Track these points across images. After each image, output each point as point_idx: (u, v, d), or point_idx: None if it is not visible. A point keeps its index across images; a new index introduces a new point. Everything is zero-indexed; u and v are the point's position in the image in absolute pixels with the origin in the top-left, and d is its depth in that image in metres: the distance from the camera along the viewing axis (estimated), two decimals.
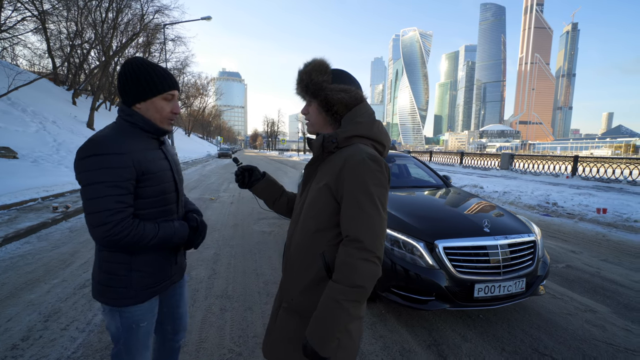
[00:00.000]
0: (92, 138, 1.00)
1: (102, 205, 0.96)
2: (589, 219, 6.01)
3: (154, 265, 1.14)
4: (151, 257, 1.13)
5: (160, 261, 1.16)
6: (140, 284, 1.11)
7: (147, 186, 1.07)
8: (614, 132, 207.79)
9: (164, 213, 1.15)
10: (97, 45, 19.24)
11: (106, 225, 0.97)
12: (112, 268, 1.08)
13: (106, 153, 0.98)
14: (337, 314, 0.85)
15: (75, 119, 15.65)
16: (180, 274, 1.30)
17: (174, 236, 1.14)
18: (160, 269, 1.17)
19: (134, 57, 1.11)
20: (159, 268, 1.16)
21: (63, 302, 2.62)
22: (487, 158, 18.56)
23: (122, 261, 1.08)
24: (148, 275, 1.13)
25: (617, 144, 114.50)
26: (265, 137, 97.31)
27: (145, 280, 1.12)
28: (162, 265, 1.17)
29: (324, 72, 1.01)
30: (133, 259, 1.09)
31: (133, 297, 1.10)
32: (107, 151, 0.98)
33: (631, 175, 11.12)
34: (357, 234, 0.88)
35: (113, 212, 0.97)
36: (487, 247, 2.30)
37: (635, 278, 3.36)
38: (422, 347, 2.14)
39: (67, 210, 5.42)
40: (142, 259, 1.10)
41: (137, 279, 1.10)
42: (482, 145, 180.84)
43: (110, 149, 0.99)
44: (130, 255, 1.08)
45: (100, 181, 0.97)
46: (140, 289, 1.11)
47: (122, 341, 1.13)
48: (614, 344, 2.21)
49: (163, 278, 1.18)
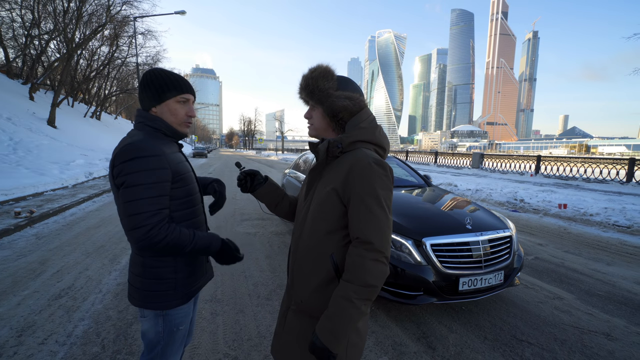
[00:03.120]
0: (131, 142, 1.03)
1: (142, 208, 0.98)
2: (552, 214, 6.53)
3: (193, 264, 1.20)
4: (190, 257, 1.18)
5: (197, 259, 1.22)
6: (184, 284, 1.16)
7: (178, 187, 1.11)
8: (569, 133, 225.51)
9: (193, 213, 1.20)
10: (57, 37, 17.87)
11: (145, 227, 0.98)
12: (159, 273, 1.11)
13: (147, 155, 1.01)
14: (350, 312, 0.89)
15: (34, 115, 14.43)
16: (211, 273, 1.36)
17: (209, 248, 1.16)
18: (198, 268, 1.23)
19: (155, 67, 1.17)
20: (197, 266, 1.22)
21: (37, 315, 2.45)
22: (460, 157, 19.48)
23: (169, 264, 1.12)
24: (190, 274, 1.18)
25: (572, 144, 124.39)
26: (242, 136, 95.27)
27: (188, 280, 1.17)
28: (199, 263, 1.23)
29: (330, 79, 1.04)
30: (177, 260, 1.14)
31: (180, 297, 1.15)
32: (148, 153, 1.02)
33: (585, 173, 12.18)
34: (367, 235, 0.92)
35: (152, 214, 1.00)
36: (469, 243, 2.46)
37: (593, 267, 3.72)
38: (412, 340, 2.24)
39: (32, 216, 5.03)
40: (184, 259, 1.16)
41: (181, 280, 1.15)
42: (453, 144, 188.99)
43: (150, 151, 1.02)
44: (175, 258, 1.13)
45: (140, 183, 0.99)
46: (185, 289, 1.16)
47: (161, 346, 1.16)
48: (580, 327, 2.44)
49: (201, 275, 1.25)
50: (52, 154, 10.46)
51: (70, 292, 2.84)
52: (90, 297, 2.76)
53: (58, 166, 9.36)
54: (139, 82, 1.14)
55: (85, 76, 23.59)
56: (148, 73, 1.13)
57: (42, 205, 5.89)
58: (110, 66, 24.50)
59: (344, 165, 0.99)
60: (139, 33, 20.73)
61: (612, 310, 2.71)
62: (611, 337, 2.32)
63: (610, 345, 2.22)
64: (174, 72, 1.15)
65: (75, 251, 3.91)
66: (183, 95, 1.14)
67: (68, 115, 19.33)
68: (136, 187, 0.98)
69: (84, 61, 23.58)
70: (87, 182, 9.24)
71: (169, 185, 1.06)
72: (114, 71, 26.78)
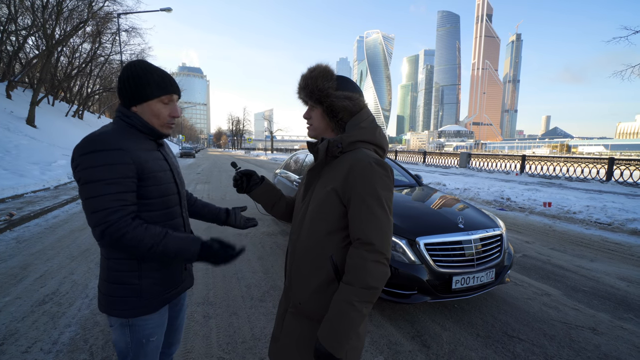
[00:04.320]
0: (90, 135, 0.96)
1: (102, 204, 0.91)
2: (537, 212, 6.72)
3: (162, 270, 1.09)
4: (162, 262, 1.09)
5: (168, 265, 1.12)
6: (150, 291, 1.06)
7: (149, 186, 1.03)
8: (552, 133, 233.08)
9: (168, 216, 1.11)
10: (36, 33, 17.17)
11: (105, 224, 0.91)
12: (121, 277, 1.02)
13: (106, 149, 0.94)
14: (351, 315, 0.88)
15: (12, 114, 13.85)
16: (190, 281, 1.26)
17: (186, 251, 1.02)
18: (170, 275, 1.12)
19: (136, 59, 1.06)
20: (169, 274, 1.12)
21: (20, 322, 2.35)
22: (447, 157, 19.82)
23: (131, 268, 1.03)
24: (158, 282, 1.08)
25: (554, 144, 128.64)
26: (230, 136, 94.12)
27: (156, 288, 1.07)
28: (171, 271, 1.13)
29: (329, 79, 1.02)
30: (142, 265, 1.04)
31: (144, 306, 1.05)
32: (107, 147, 0.94)
33: (568, 172, 12.61)
34: (368, 237, 0.91)
35: (112, 211, 0.92)
36: (462, 242, 2.50)
37: (578, 263, 3.84)
38: (407, 339, 2.26)
39: (12, 219, 4.81)
40: (151, 265, 1.06)
41: (147, 287, 1.05)
42: (440, 144, 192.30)
43: (109, 145, 0.95)
44: (139, 262, 1.03)
45: (99, 179, 0.92)
46: (151, 297, 1.06)
47: (131, 357, 1.08)
48: (567, 322, 2.52)
49: (174, 285, 1.14)
50: (32, 154, 10.05)
51: (55, 298, 2.73)
52: (77, 302, 2.66)
53: (39, 167, 9.01)
54: (119, 76, 1.03)
55: (67, 74, 22.79)
56: (130, 66, 1.02)
57: (22, 207, 5.64)
58: (93, 64, 23.76)
59: (343, 165, 0.98)
60: (122, 30, 20.17)
61: (597, 305, 2.80)
62: (597, 331, 2.40)
63: (597, 339, 2.30)
64: (159, 68, 1.06)
65: (59, 255, 3.77)
66: (168, 96, 1.06)
67: (48, 114, 18.62)
68: (96, 182, 0.91)
69: (65, 58, 22.78)
70: (70, 184, 8.92)
71: (134, 182, 0.98)
72: (96, 69, 25.99)
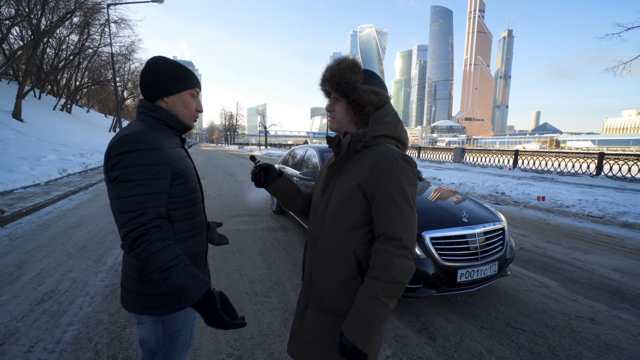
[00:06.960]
0: (130, 133, 0.94)
1: (131, 205, 0.90)
2: (532, 206, 6.84)
3: None
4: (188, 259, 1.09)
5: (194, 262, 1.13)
6: None
7: (179, 185, 1.03)
8: (541, 128, 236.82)
9: (194, 213, 1.12)
10: (20, 23, 16.55)
11: (131, 225, 0.89)
12: None
13: (146, 149, 0.92)
14: (378, 310, 0.88)
15: None
16: (209, 277, 1.28)
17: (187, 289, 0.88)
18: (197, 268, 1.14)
19: (158, 55, 1.06)
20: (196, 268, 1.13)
21: (20, 321, 2.29)
22: (441, 152, 19.98)
23: None
24: None
25: (544, 139, 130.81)
26: (223, 131, 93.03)
27: None
28: (196, 266, 1.14)
29: (357, 72, 1.01)
30: None
31: (177, 302, 1.06)
32: (147, 146, 0.93)
33: (559, 166, 12.86)
34: (395, 232, 0.90)
35: (140, 213, 0.90)
36: (466, 235, 2.52)
37: (573, 256, 3.94)
38: (413, 332, 2.28)
39: (3, 216, 4.68)
40: None
41: None
42: (433, 139, 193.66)
43: (149, 144, 0.93)
44: None
45: (135, 179, 0.90)
46: None
47: (163, 353, 1.08)
48: (567, 313, 2.58)
49: None
50: (20, 149, 9.77)
51: (54, 296, 2.67)
52: (77, 300, 2.61)
53: (28, 162, 8.76)
54: (147, 70, 1.03)
55: (54, 66, 22.09)
56: (160, 60, 1.05)
57: (13, 204, 5.49)
58: (81, 56, 23.06)
59: (367, 160, 0.97)
60: (112, 21, 19.57)
61: (594, 296, 2.88)
62: (596, 321, 2.46)
63: (596, 329, 2.36)
64: None
65: (55, 252, 3.68)
66: (197, 89, 1.10)
67: (35, 107, 18.07)
68: (130, 182, 0.90)
69: (52, 50, 22.06)
70: (61, 179, 8.72)
71: (168, 183, 0.98)
72: (85, 61, 25.23)
